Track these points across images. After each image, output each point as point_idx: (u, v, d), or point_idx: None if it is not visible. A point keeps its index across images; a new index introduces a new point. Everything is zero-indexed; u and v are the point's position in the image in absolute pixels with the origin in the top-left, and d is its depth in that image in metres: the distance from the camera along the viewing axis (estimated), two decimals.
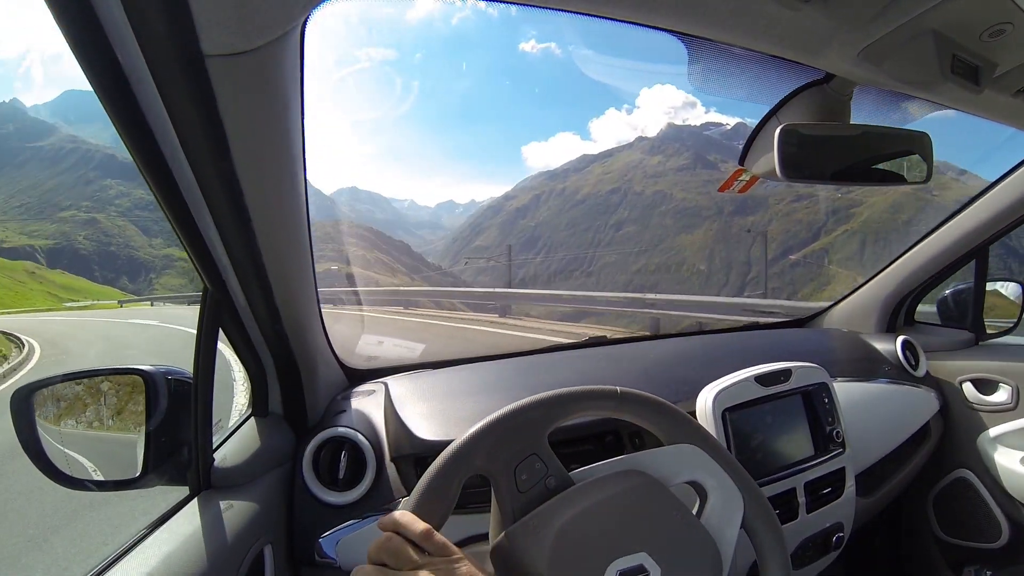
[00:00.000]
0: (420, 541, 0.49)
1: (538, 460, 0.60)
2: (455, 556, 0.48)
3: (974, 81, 0.64)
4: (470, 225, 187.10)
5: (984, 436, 1.40)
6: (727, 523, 0.61)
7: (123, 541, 0.62)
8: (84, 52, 0.43)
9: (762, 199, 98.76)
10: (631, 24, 0.62)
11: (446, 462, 0.56)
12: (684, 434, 0.64)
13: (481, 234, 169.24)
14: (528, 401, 0.62)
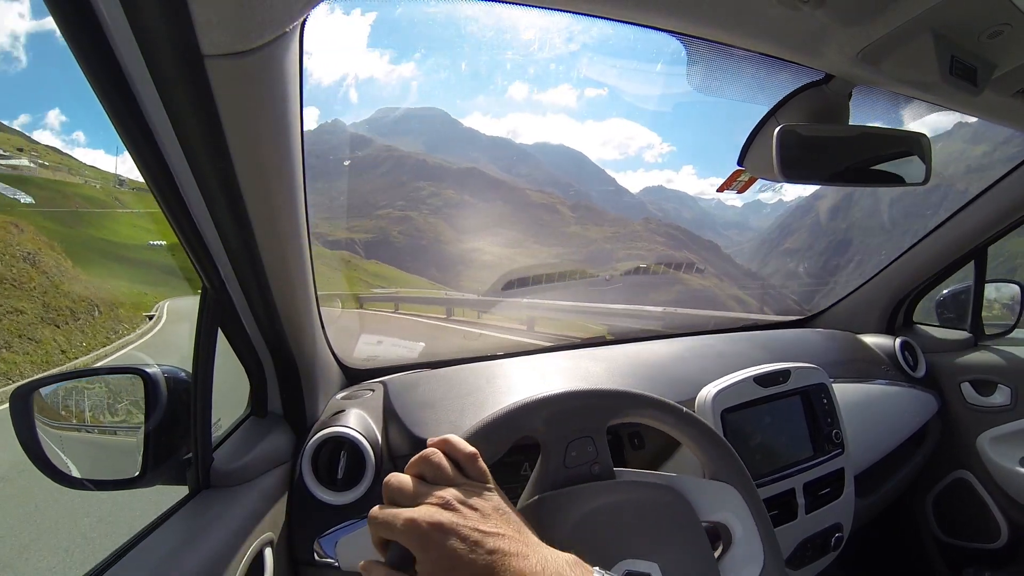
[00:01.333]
0: (464, 462, 0.50)
1: (591, 444, 0.61)
2: (490, 484, 0.49)
3: (973, 82, 0.64)
4: (778, 226, 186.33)
5: (983, 437, 1.40)
6: (741, 574, 0.61)
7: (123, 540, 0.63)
8: (84, 52, 0.43)
9: None
10: (631, 24, 0.62)
11: (509, 413, 0.58)
12: (729, 474, 0.65)
13: (790, 236, 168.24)
14: (600, 389, 0.64)
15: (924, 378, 1.44)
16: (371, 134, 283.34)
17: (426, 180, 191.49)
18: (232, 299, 0.74)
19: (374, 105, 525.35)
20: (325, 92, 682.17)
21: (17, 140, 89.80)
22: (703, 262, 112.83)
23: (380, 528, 0.45)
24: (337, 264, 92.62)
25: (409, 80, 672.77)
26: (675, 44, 0.69)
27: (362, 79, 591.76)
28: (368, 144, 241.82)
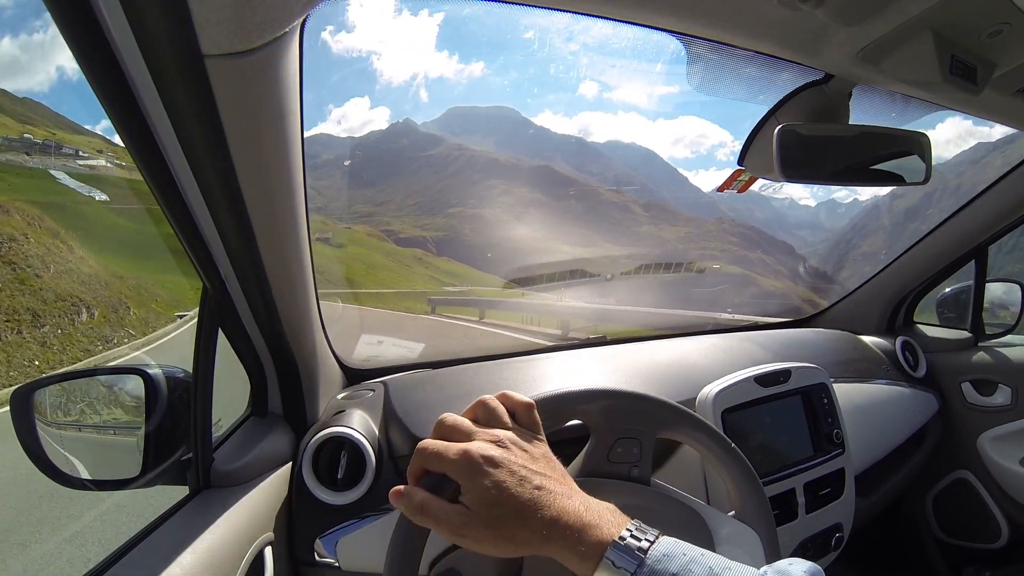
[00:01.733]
0: (520, 411, 0.53)
1: (638, 446, 0.63)
2: (541, 436, 0.52)
3: (972, 81, 0.64)
4: (853, 227, 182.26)
5: (983, 437, 1.40)
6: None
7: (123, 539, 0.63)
8: (84, 52, 0.43)
9: None
10: (631, 24, 0.62)
11: (579, 392, 0.60)
12: (757, 521, 0.65)
13: (867, 238, 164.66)
14: (666, 401, 0.65)
15: (924, 378, 1.44)
16: (442, 133, 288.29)
17: (498, 178, 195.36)
18: (232, 299, 0.74)
19: (444, 105, 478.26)
20: (395, 92, 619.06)
21: (97, 143, 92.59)
22: (776, 263, 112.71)
23: (430, 458, 0.46)
24: (410, 262, 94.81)
25: (479, 79, 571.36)
26: (675, 44, 0.69)
27: (432, 78, 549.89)
28: (439, 143, 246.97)
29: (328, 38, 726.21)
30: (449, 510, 0.43)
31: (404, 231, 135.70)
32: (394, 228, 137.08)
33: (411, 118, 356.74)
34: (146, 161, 0.53)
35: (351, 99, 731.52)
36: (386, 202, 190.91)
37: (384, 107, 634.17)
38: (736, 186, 0.97)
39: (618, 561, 0.38)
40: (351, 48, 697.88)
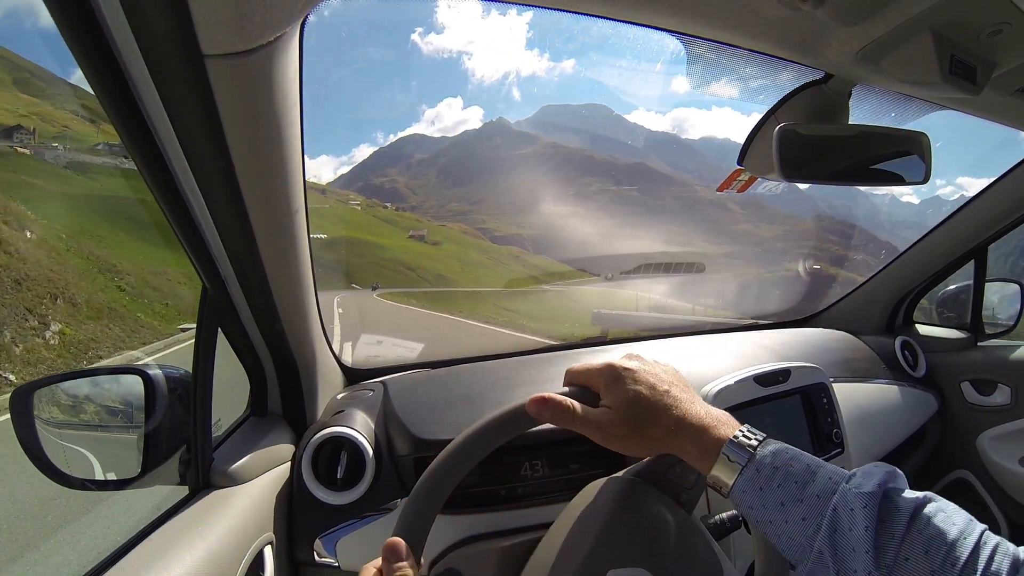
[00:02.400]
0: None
1: (696, 475, 0.61)
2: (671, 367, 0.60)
3: (972, 81, 0.64)
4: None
5: (983, 437, 1.40)
6: None
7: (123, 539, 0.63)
8: (84, 52, 0.43)
9: None
10: (631, 24, 0.62)
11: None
12: None
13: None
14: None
15: (924, 377, 1.44)
16: (535, 131, 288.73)
17: (593, 176, 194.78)
18: (232, 299, 0.74)
19: (537, 103, 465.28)
20: (487, 91, 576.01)
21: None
22: (879, 265, 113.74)
23: (576, 374, 0.56)
24: (506, 259, 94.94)
25: (570, 76, 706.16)
26: (675, 44, 0.69)
27: (524, 77, 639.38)
28: (533, 141, 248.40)
29: (418, 39, 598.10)
30: (593, 411, 0.51)
31: (499, 229, 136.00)
32: (489, 226, 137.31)
33: (504, 117, 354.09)
34: (146, 161, 0.53)
35: (444, 99, 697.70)
36: (481, 200, 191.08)
37: (477, 106, 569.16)
38: (735, 186, 0.97)
39: (732, 456, 0.46)
40: (441, 49, 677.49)
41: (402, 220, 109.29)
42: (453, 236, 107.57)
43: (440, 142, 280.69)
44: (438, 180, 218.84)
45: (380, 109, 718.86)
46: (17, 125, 42.60)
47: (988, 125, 0.94)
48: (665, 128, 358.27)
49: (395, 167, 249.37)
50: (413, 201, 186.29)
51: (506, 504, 0.87)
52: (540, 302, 20.15)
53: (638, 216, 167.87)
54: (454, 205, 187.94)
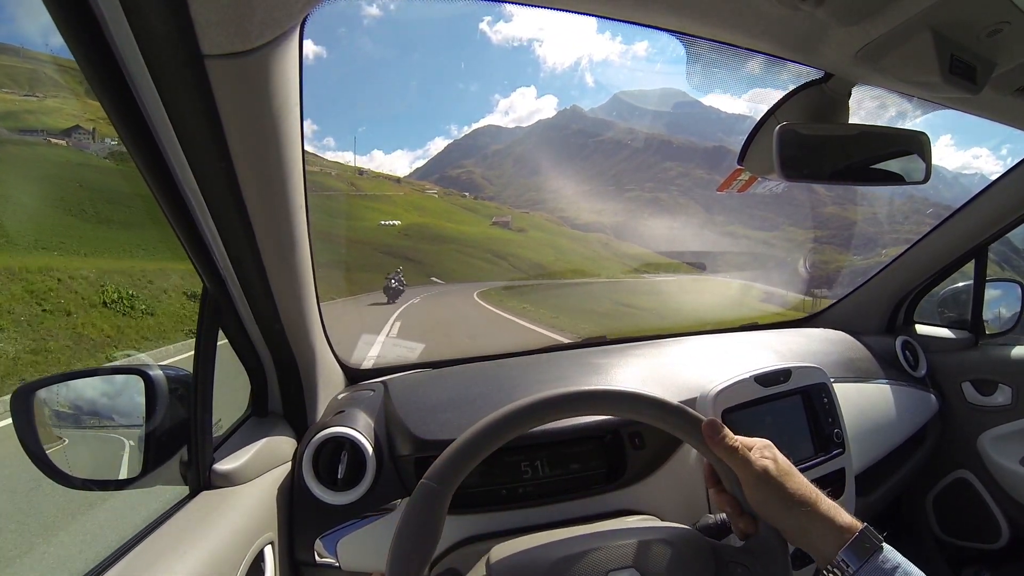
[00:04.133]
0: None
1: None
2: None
3: (972, 80, 0.64)
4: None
5: (984, 437, 1.40)
6: None
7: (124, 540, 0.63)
8: (84, 52, 0.43)
9: None
10: (631, 24, 0.62)
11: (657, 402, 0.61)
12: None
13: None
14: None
15: (925, 378, 1.44)
16: (611, 118, 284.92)
17: (673, 160, 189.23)
18: (232, 299, 0.74)
19: (611, 90, 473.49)
20: (560, 79, 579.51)
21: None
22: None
23: (723, 450, 0.59)
24: (596, 247, 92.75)
25: (643, 60, 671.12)
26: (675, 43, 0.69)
27: (596, 62, 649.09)
28: (609, 127, 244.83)
29: (486, 28, 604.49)
30: (755, 454, 0.58)
31: (579, 217, 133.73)
32: (568, 214, 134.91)
33: (578, 104, 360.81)
34: (146, 161, 0.53)
35: (517, 89, 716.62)
36: (559, 188, 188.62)
37: (550, 95, 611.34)
38: (736, 186, 0.97)
39: (864, 541, 0.54)
40: (511, 37, 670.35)
41: (483, 208, 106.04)
42: (537, 223, 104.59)
43: (514, 132, 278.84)
44: (514, 170, 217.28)
45: (452, 102, 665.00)
46: (75, 126, 42.47)
47: None
48: (741, 111, 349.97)
49: (471, 158, 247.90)
50: (490, 191, 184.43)
51: (506, 504, 0.87)
52: (659, 293, 19.29)
53: (722, 200, 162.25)
54: (531, 194, 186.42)
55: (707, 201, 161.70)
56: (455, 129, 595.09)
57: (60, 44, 0.42)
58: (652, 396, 0.60)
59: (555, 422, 0.60)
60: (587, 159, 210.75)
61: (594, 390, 0.60)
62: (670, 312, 15.41)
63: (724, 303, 14.17)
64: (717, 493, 0.61)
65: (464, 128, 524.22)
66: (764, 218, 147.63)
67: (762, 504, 0.56)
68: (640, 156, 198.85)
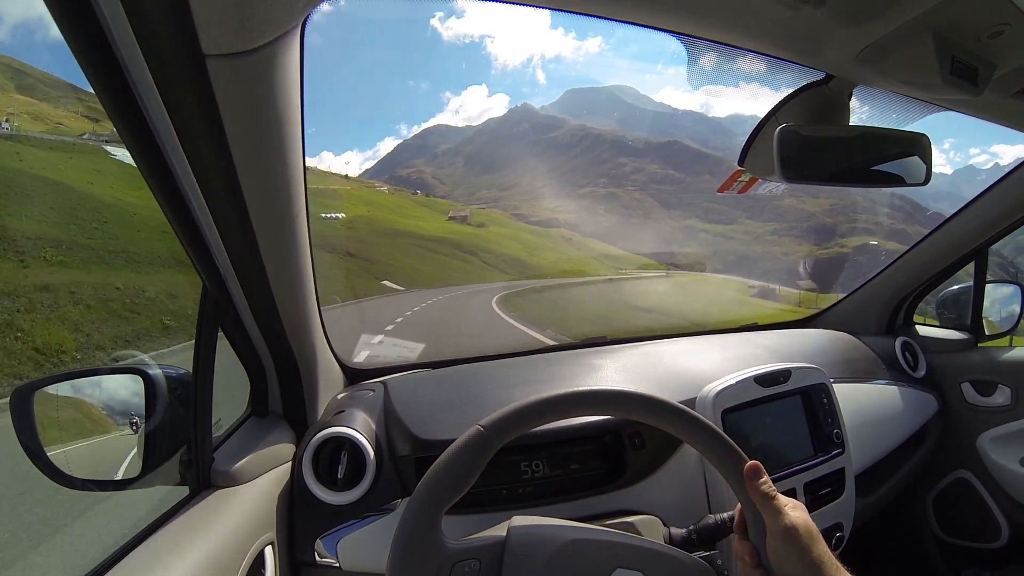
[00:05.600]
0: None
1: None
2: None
3: (973, 82, 0.64)
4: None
5: (983, 437, 1.40)
6: None
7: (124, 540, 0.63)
8: (84, 52, 0.43)
9: None
10: (631, 24, 0.62)
11: (711, 430, 0.63)
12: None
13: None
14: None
15: (924, 378, 1.44)
16: (562, 115, 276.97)
17: (627, 156, 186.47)
18: (232, 299, 0.74)
19: (562, 87, 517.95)
20: (511, 76, 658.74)
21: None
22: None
23: (759, 495, 0.60)
24: (558, 242, 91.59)
25: (595, 58, 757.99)
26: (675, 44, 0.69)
27: (548, 59, 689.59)
28: (561, 124, 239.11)
29: (438, 24, 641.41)
30: (787, 504, 0.59)
31: (534, 214, 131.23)
32: (523, 211, 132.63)
33: (529, 102, 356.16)
34: (147, 161, 0.53)
35: (468, 87, 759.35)
36: (512, 186, 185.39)
37: (502, 93, 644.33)
38: (736, 187, 0.97)
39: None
40: (463, 34, 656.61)
41: (436, 205, 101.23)
42: (496, 219, 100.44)
43: (465, 131, 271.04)
44: (465, 169, 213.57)
45: (402, 101, 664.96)
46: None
47: None
48: (693, 107, 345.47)
49: (421, 158, 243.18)
50: (442, 191, 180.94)
51: (507, 504, 0.87)
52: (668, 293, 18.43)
53: (678, 195, 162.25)
54: (484, 192, 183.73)
55: (663, 196, 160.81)
56: (405, 129, 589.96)
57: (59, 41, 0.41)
58: (709, 424, 0.61)
59: (554, 423, 0.60)
60: (539, 156, 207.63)
61: (658, 400, 0.60)
62: (689, 311, 15.19)
63: (746, 299, 14.13)
64: (739, 540, 0.61)
65: (414, 128, 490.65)
66: (721, 212, 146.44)
67: (782, 559, 0.55)
68: (593, 152, 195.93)
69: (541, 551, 0.56)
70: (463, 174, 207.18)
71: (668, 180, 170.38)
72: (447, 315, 13.38)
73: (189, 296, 11.66)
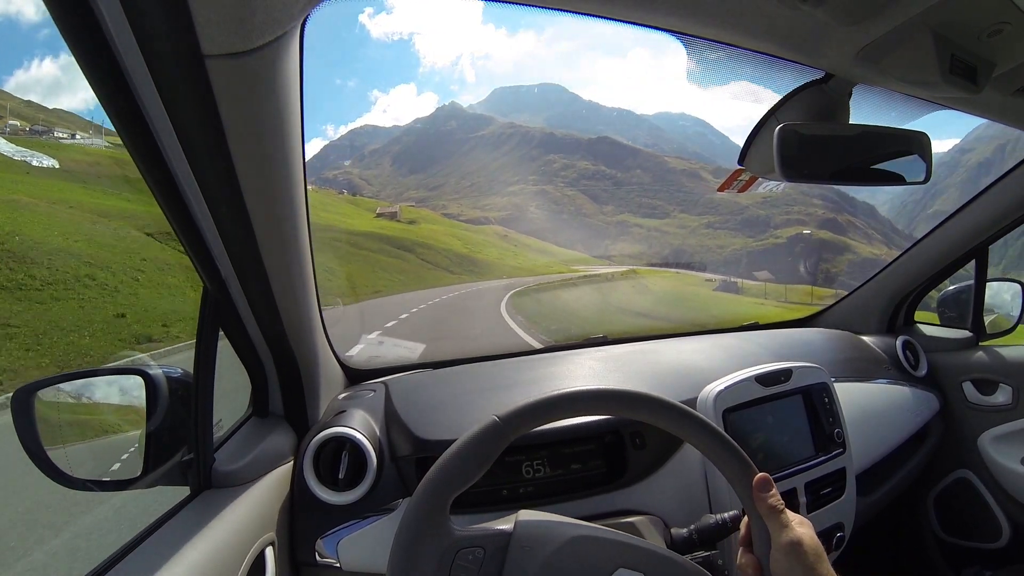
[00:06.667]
0: None
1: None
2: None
3: (972, 80, 0.64)
4: (924, 187, 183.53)
5: (984, 436, 1.40)
6: None
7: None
8: (84, 52, 0.43)
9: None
10: (631, 24, 0.62)
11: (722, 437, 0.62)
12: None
13: (938, 197, 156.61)
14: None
15: (925, 377, 1.44)
16: (490, 113, 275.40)
17: (557, 152, 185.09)
18: (233, 299, 0.74)
19: (491, 85, 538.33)
20: (440, 74, 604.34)
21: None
22: (867, 226, 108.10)
23: (766, 508, 0.58)
24: (494, 239, 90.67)
25: (524, 57, 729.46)
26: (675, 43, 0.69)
27: (477, 58, 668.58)
28: (489, 123, 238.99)
29: (366, 21, 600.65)
30: (793, 520, 0.57)
31: (464, 213, 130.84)
32: (452, 211, 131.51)
33: (456, 100, 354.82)
34: (146, 161, 0.53)
35: (397, 86, 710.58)
36: (440, 186, 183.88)
37: (430, 92, 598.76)
38: (736, 186, 0.97)
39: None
40: (391, 32, 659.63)
41: (363, 203, 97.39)
42: (426, 216, 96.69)
43: (392, 131, 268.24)
44: (393, 169, 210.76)
45: (329, 101, 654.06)
46: None
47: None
48: (621, 105, 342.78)
49: (348, 159, 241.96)
50: (369, 192, 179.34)
51: (508, 504, 0.87)
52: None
53: (611, 190, 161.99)
54: (412, 192, 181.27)
55: (594, 192, 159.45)
56: (332, 130, 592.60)
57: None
58: (723, 433, 0.60)
59: (556, 422, 0.60)
60: (468, 155, 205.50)
61: (672, 405, 0.60)
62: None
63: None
64: (744, 554, 0.60)
65: (341, 128, 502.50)
66: (654, 207, 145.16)
67: (785, 574, 0.55)
68: (522, 150, 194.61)
69: (546, 545, 0.56)
70: (391, 174, 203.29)
71: (599, 176, 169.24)
72: None
73: None
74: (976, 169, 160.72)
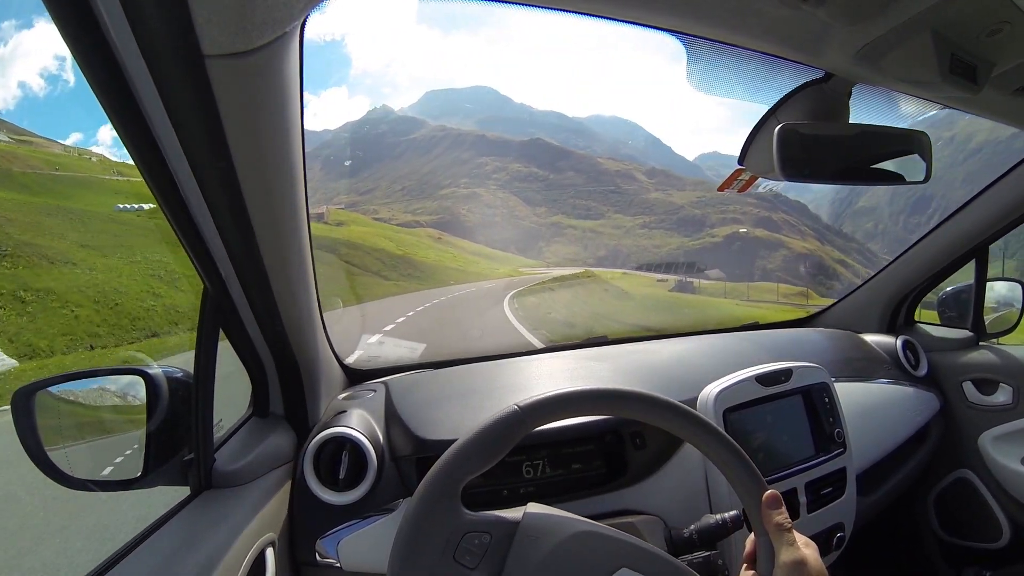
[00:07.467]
0: None
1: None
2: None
3: (972, 80, 0.64)
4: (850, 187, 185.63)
5: (985, 436, 1.40)
6: None
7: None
8: (84, 52, 0.43)
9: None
10: (631, 24, 0.62)
11: (736, 451, 0.61)
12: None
13: (863, 194, 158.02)
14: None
15: (926, 377, 1.44)
16: (421, 116, 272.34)
17: (489, 155, 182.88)
18: (233, 299, 0.74)
19: (422, 88, 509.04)
20: (372, 77, 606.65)
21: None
22: (799, 223, 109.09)
23: (773, 525, 0.58)
24: (428, 242, 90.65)
25: (455, 60, 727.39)
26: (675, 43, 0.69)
27: (409, 60, 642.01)
28: (420, 126, 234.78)
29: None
30: (801, 537, 0.57)
31: (395, 217, 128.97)
32: (383, 215, 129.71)
33: (387, 103, 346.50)
34: (146, 161, 0.53)
35: (328, 88, 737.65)
36: (371, 190, 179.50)
37: (362, 95, 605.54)
38: (736, 186, 0.97)
39: None
40: (323, 33, 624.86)
41: None
42: (355, 219, 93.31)
43: (323, 135, 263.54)
44: (323, 174, 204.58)
45: None
46: None
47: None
48: (553, 108, 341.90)
49: None
50: None
51: (508, 504, 0.87)
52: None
53: (543, 192, 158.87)
54: (343, 197, 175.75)
55: (527, 194, 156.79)
56: None
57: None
58: (737, 447, 0.60)
59: (556, 422, 0.61)
60: (399, 159, 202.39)
61: (691, 413, 0.60)
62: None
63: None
64: (747, 570, 0.60)
65: None
66: (589, 208, 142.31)
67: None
68: (454, 153, 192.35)
69: (552, 536, 0.57)
70: (320, 179, 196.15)
71: (531, 178, 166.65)
72: None
73: None
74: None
